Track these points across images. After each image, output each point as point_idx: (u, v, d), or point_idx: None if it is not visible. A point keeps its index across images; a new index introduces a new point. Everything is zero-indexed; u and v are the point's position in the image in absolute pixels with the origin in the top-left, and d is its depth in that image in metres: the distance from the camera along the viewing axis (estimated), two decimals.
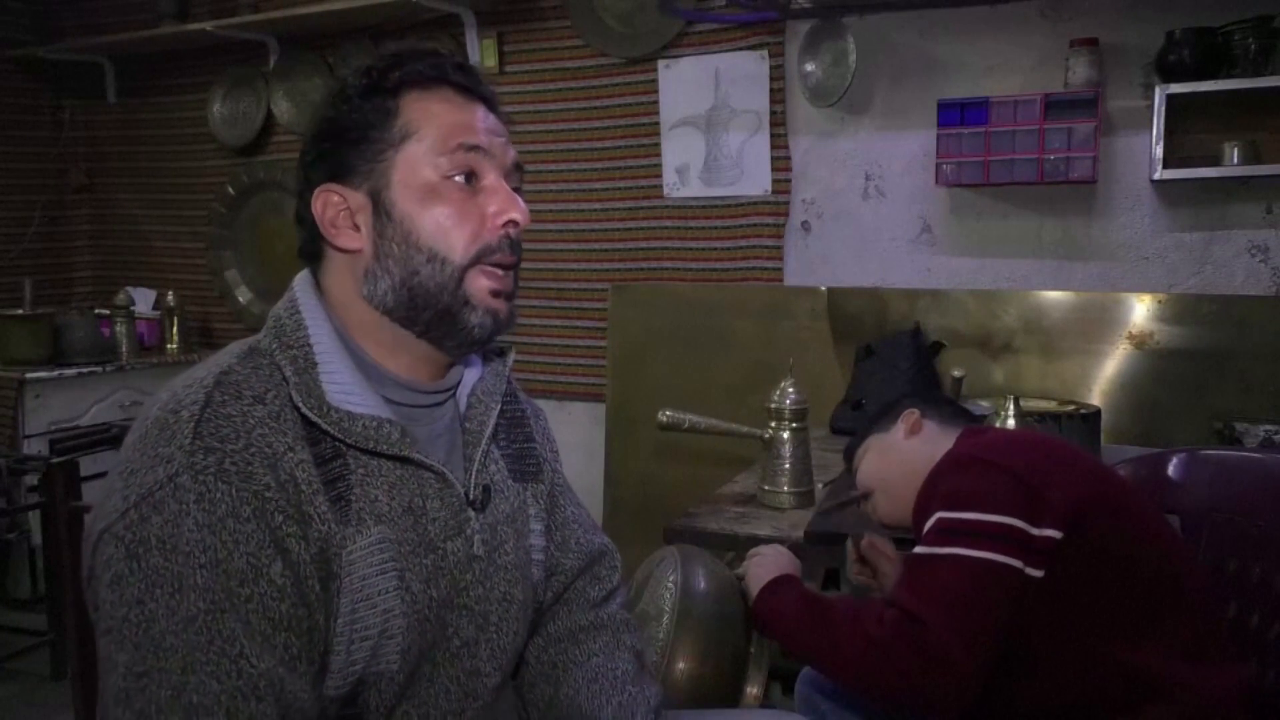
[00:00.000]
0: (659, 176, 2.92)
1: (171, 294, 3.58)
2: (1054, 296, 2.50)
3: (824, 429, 2.44)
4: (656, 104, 2.89)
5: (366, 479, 0.86)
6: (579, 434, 3.02)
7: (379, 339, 0.91)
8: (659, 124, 2.90)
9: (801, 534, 1.62)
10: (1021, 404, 1.81)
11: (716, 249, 2.88)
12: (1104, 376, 2.43)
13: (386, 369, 0.91)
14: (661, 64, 2.87)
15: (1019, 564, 1.10)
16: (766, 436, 1.82)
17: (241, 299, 3.68)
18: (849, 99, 2.64)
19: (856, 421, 2.33)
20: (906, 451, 1.36)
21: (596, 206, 3.01)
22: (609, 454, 2.99)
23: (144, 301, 3.63)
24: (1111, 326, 2.42)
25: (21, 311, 3.14)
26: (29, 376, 3.00)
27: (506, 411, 1.03)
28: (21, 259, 3.74)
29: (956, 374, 2.13)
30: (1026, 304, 2.52)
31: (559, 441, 1.15)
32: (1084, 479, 1.18)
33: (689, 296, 2.89)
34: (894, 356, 2.49)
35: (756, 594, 1.29)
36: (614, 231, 3.01)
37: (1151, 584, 1.16)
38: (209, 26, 3.27)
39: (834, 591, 2.05)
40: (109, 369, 3.22)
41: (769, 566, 1.32)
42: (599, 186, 3.00)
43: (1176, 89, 2.20)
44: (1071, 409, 2.07)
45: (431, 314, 0.90)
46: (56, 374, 3.08)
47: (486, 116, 0.93)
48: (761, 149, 2.79)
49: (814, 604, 1.23)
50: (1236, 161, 2.21)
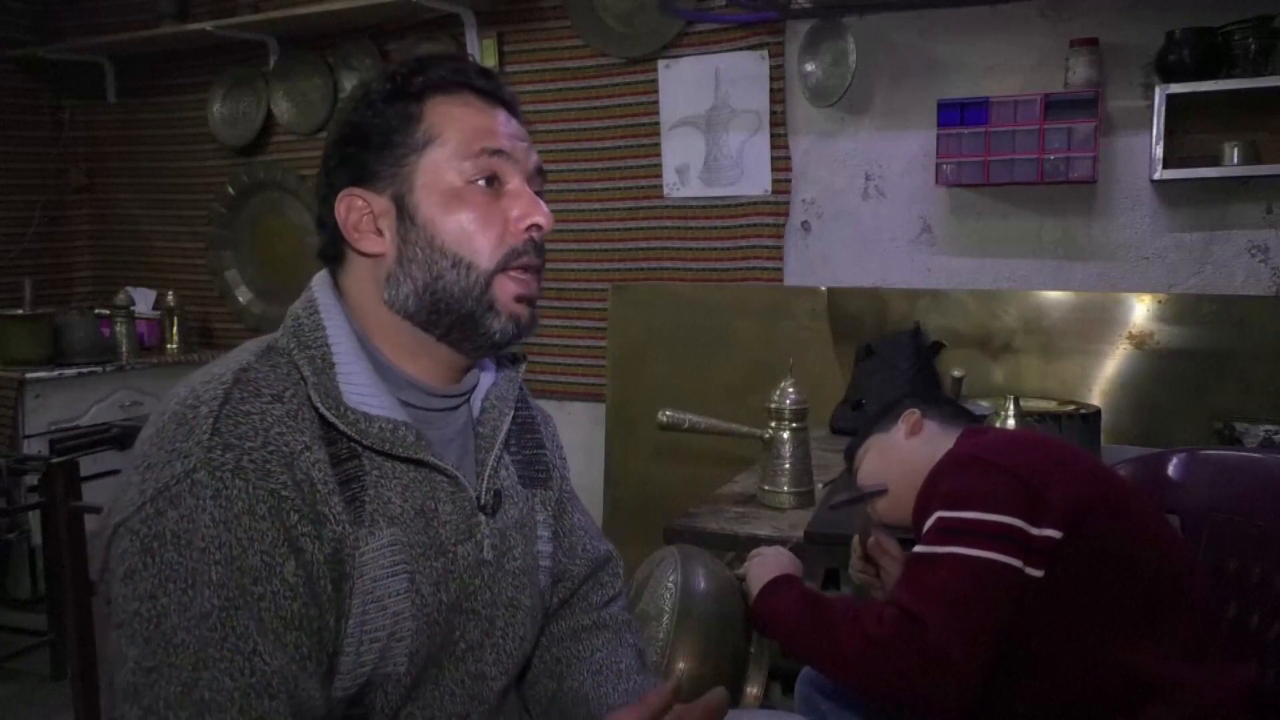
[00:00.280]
0: (659, 176, 2.92)
1: (171, 294, 3.58)
2: (1054, 296, 2.50)
3: (824, 429, 2.44)
4: (656, 104, 2.89)
5: (381, 480, 0.86)
6: (579, 434, 3.02)
7: (397, 342, 0.91)
8: (659, 124, 2.90)
9: (801, 534, 1.62)
10: (1021, 404, 1.81)
11: (716, 249, 2.88)
12: (1104, 376, 2.43)
13: (403, 371, 0.91)
14: (661, 64, 2.87)
15: (1019, 564, 1.10)
16: (766, 436, 1.82)
17: (241, 299, 3.68)
18: (849, 99, 2.64)
19: (856, 421, 2.33)
20: (907, 451, 1.36)
21: (596, 206, 3.01)
22: (609, 454, 2.99)
23: (144, 301, 3.62)
24: (1111, 326, 2.42)
25: (21, 311, 3.13)
26: (29, 376, 3.00)
27: (518, 417, 1.03)
28: (21, 259, 3.74)
29: (956, 374, 2.14)
30: (1026, 304, 2.52)
31: None
32: (1084, 479, 1.18)
33: (689, 296, 2.89)
34: (894, 356, 2.49)
35: (757, 594, 1.29)
36: (614, 231, 3.01)
37: (1151, 584, 1.16)
38: (209, 26, 3.27)
39: (834, 591, 2.05)
40: (109, 369, 3.22)
41: (769, 566, 1.32)
42: (599, 186, 3.00)
43: (1176, 89, 2.20)
44: (1071, 409, 2.07)
45: (453, 318, 0.90)
46: (56, 374, 3.07)
47: (509, 121, 0.94)
48: (761, 149, 2.78)
49: (814, 604, 1.23)
50: (1236, 161, 2.22)
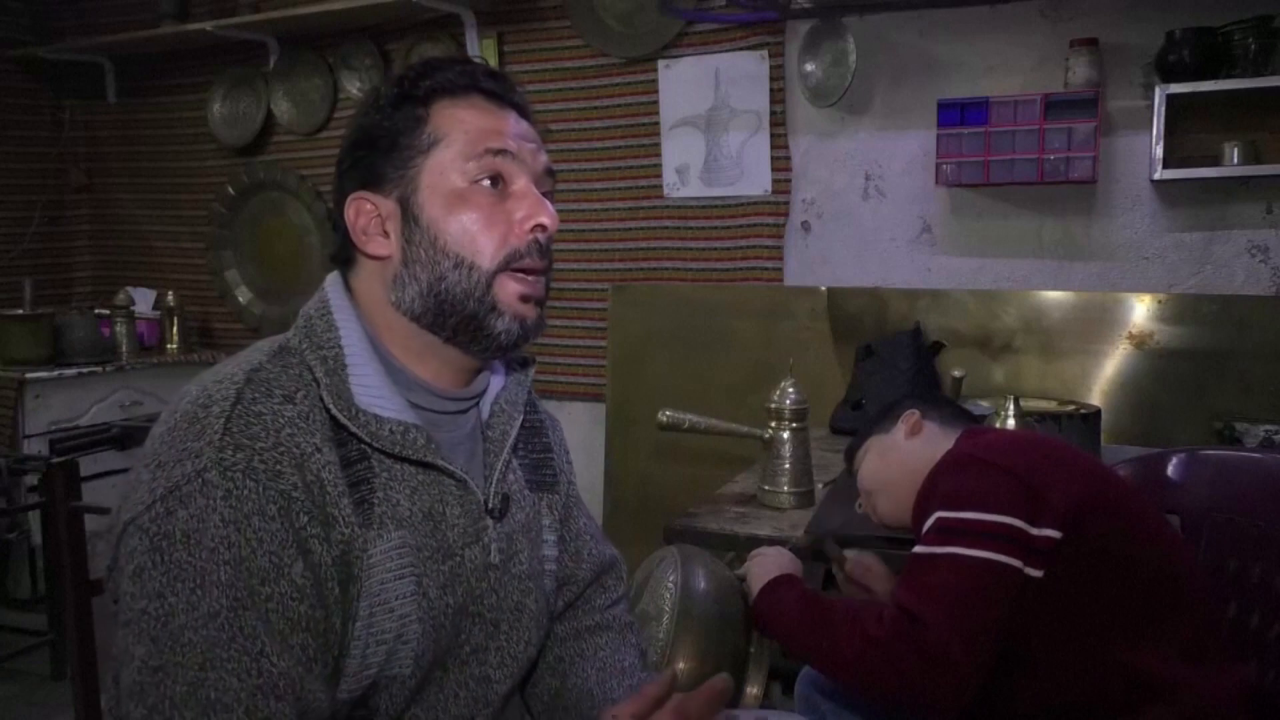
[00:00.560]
0: (659, 176, 2.92)
1: (171, 294, 3.58)
2: (1054, 296, 2.50)
3: (824, 429, 2.44)
4: (656, 104, 2.89)
5: (390, 483, 0.86)
6: (579, 434, 3.02)
7: (406, 344, 0.91)
8: (659, 124, 2.90)
9: (801, 534, 1.62)
10: (1021, 404, 1.81)
11: (716, 249, 2.88)
12: (1104, 376, 2.43)
13: (414, 374, 0.91)
14: (661, 64, 2.87)
15: (1018, 564, 1.10)
16: (766, 436, 1.82)
17: (241, 299, 3.67)
18: (849, 99, 2.64)
19: (856, 421, 2.33)
20: (906, 452, 1.36)
21: (596, 206, 3.01)
22: (609, 454, 2.99)
23: (144, 301, 3.62)
24: (1111, 326, 2.42)
25: (21, 311, 3.13)
26: (29, 376, 2.99)
27: (526, 421, 1.03)
28: (21, 259, 3.74)
29: (956, 374, 2.13)
30: (1026, 304, 2.52)
31: None
32: (1084, 479, 1.18)
33: (689, 296, 2.89)
34: (894, 356, 2.49)
35: (757, 594, 1.29)
36: (614, 231, 3.01)
37: (1151, 584, 1.16)
38: (209, 26, 3.27)
39: (834, 591, 2.05)
40: (109, 369, 3.21)
41: (770, 566, 1.32)
42: (599, 186, 3.00)
43: (1176, 89, 2.20)
44: (1071, 409, 2.07)
45: (458, 320, 0.89)
46: (56, 374, 3.07)
47: (518, 123, 0.93)
48: (761, 149, 2.78)
49: (814, 604, 1.23)
50: (1236, 161, 2.21)
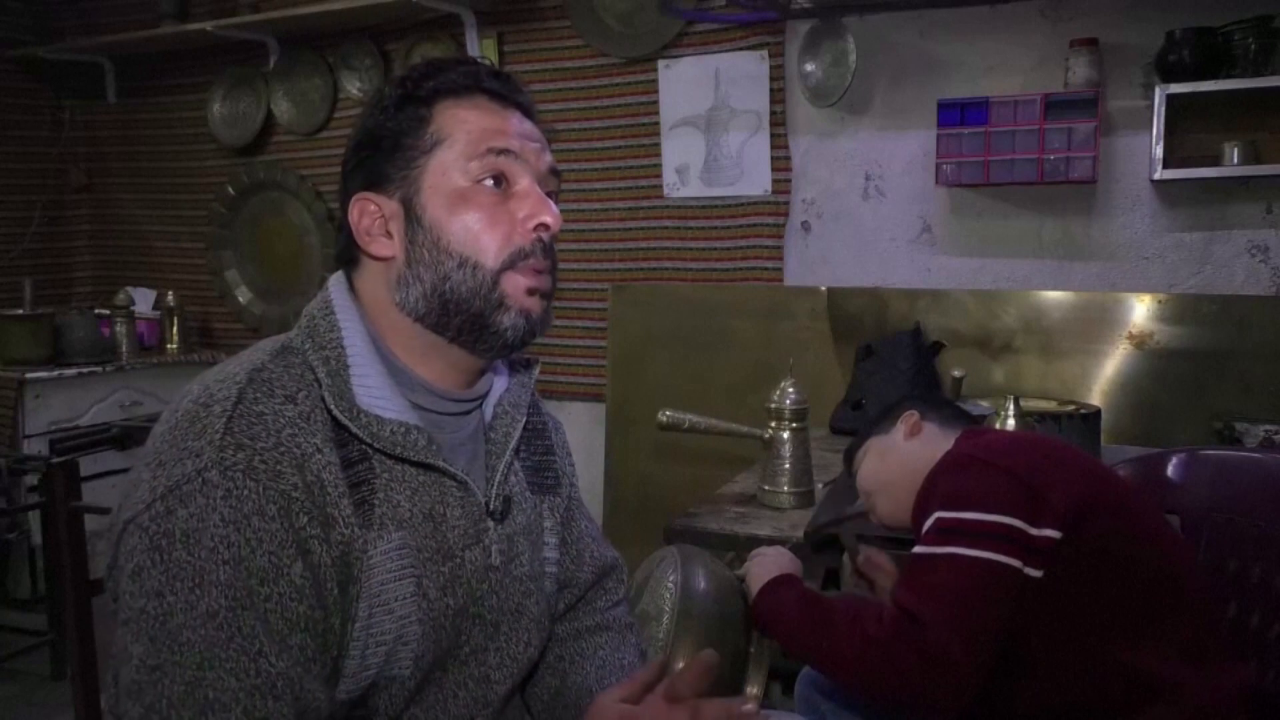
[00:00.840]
0: (659, 176, 2.92)
1: (171, 294, 3.58)
2: (1054, 296, 2.50)
3: (824, 429, 2.44)
4: (656, 104, 2.89)
5: (390, 484, 0.86)
6: (579, 434, 3.02)
7: (410, 344, 0.91)
8: (659, 124, 2.90)
9: (801, 534, 1.62)
10: (1021, 404, 1.81)
11: (716, 249, 2.88)
12: (1104, 376, 2.43)
13: (417, 375, 0.91)
14: (661, 64, 2.87)
15: (1018, 564, 1.10)
16: (766, 436, 1.82)
17: (241, 299, 3.67)
18: (849, 99, 2.64)
19: (856, 421, 2.33)
20: (906, 453, 1.36)
21: (596, 206, 3.01)
22: (609, 454, 2.99)
23: (144, 301, 3.62)
24: (1111, 326, 2.42)
25: (21, 311, 3.13)
26: (29, 376, 2.99)
27: (529, 423, 1.03)
28: (21, 259, 3.74)
29: (956, 374, 2.13)
30: (1026, 304, 2.52)
31: None
32: (1083, 479, 1.18)
33: (689, 296, 2.89)
34: (894, 356, 2.49)
35: (757, 594, 1.29)
36: (614, 231, 3.00)
37: (1151, 584, 1.16)
38: (209, 26, 3.26)
39: (834, 591, 2.04)
40: (109, 369, 3.21)
41: (769, 566, 1.32)
42: (599, 186, 3.00)
43: (1176, 89, 2.20)
44: (1071, 409, 2.07)
45: (463, 319, 0.89)
46: (56, 374, 3.07)
47: (522, 122, 0.93)
48: (761, 149, 2.78)
49: (814, 604, 1.23)
50: (1236, 161, 2.21)
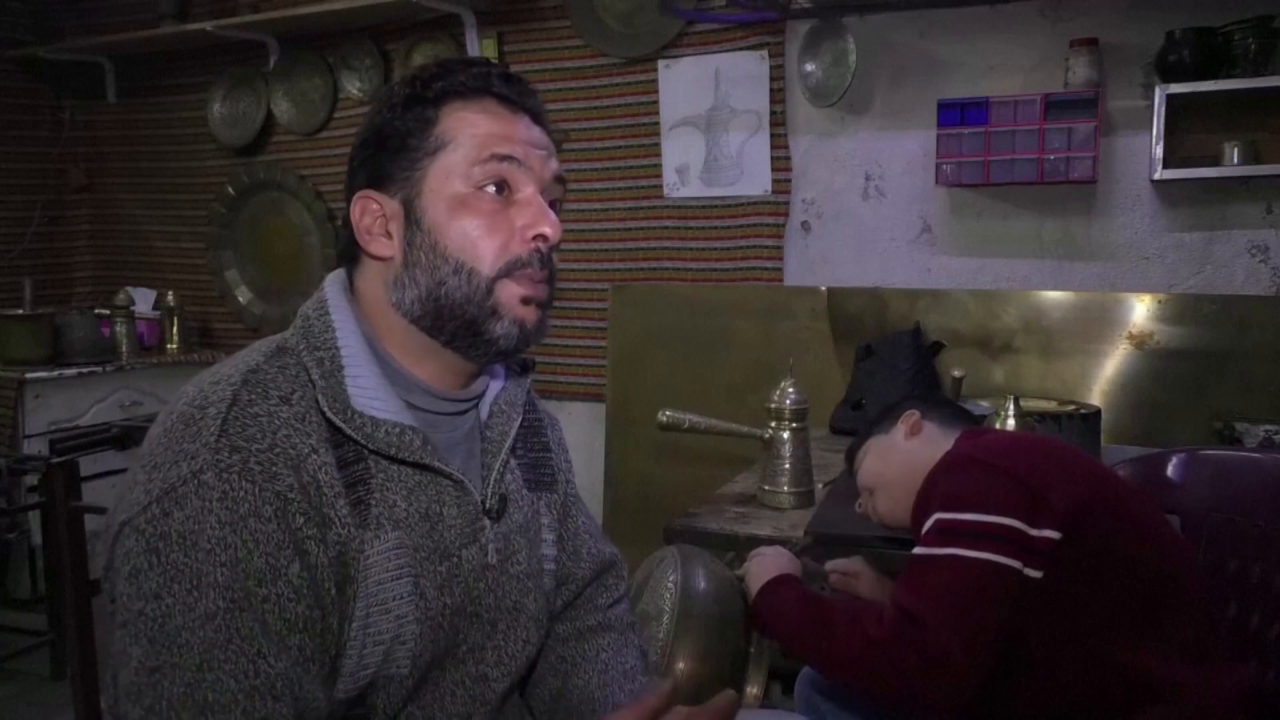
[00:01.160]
0: (659, 176, 2.92)
1: (171, 294, 3.57)
2: (1054, 296, 2.50)
3: (824, 429, 2.44)
4: (656, 104, 2.89)
5: (386, 484, 0.86)
6: (579, 434, 3.02)
7: (405, 345, 0.91)
8: (659, 124, 2.90)
9: (801, 534, 1.62)
10: (1021, 404, 1.81)
11: (716, 249, 2.88)
12: (1104, 376, 2.43)
13: (413, 375, 0.91)
14: (661, 64, 2.87)
15: (1018, 565, 1.10)
16: (766, 436, 1.82)
17: (241, 299, 3.67)
18: (849, 99, 2.64)
19: (856, 421, 2.33)
20: (906, 453, 1.36)
21: (596, 206, 3.01)
22: (609, 454, 2.99)
23: (144, 301, 3.62)
24: (1111, 326, 2.42)
25: (21, 311, 3.13)
26: (29, 376, 2.99)
27: (525, 420, 1.03)
28: (21, 259, 3.74)
29: (956, 374, 2.13)
30: (1026, 304, 2.52)
31: None
32: (1083, 480, 1.18)
33: (689, 296, 2.89)
34: (894, 356, 2.49)
35: (757, 593, 1.29)
36: (614, 231, 3.00)
37: (1151, 584, 1.16)
38: (209, 26, 3.26)
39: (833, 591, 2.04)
40: (109, 369, 3.21)
41: (769, 566, 1.32)
42: (599, 186, 3.00)
43: (1176, 89, 2.20)
44: (1071, 409, 2.07)
45: (457, 324, 0.89)
46: (56, 374, 3.07)
47: (530, 129, 0.92)
48: (761, 149, 2.78)
49: (814, 604, 1.23)
50: (1236, 161, 2.21)
